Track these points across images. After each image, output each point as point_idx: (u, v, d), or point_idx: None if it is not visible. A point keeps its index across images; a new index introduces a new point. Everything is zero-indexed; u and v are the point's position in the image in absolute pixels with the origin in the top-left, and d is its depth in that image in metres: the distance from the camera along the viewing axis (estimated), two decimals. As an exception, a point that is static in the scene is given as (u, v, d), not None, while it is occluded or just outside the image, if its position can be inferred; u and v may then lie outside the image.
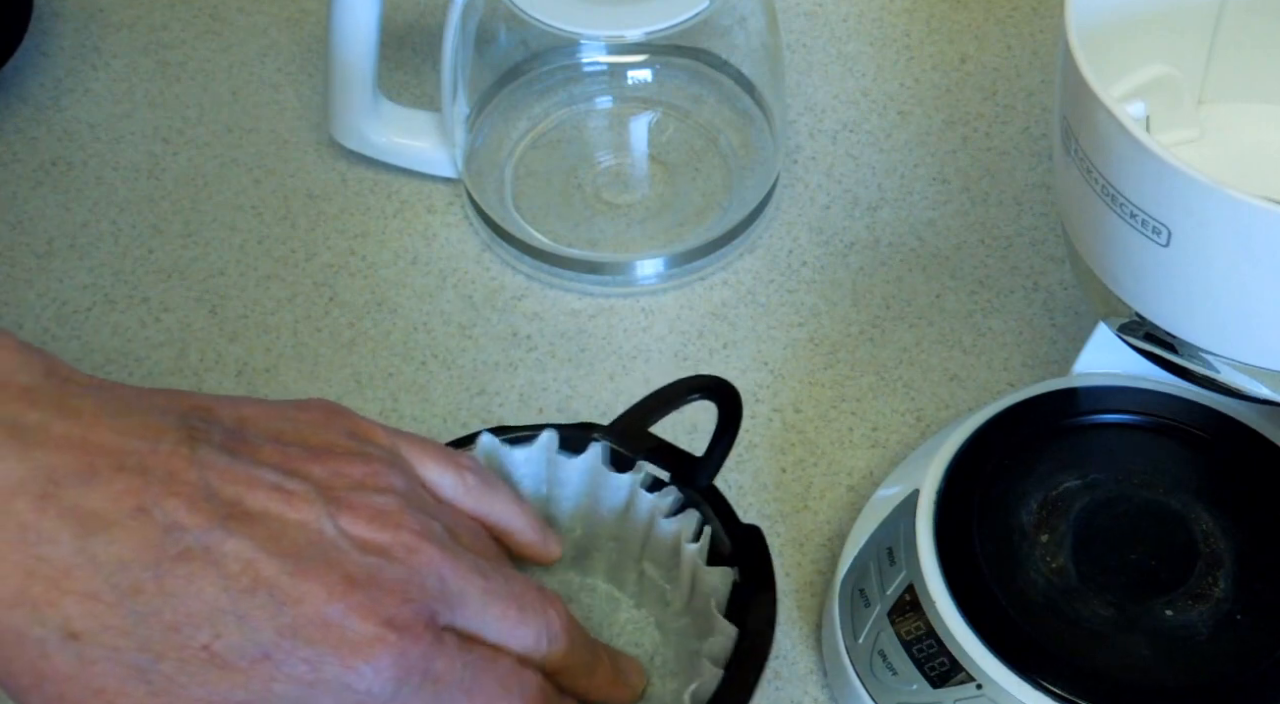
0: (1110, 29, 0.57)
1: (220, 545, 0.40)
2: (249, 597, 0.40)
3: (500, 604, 0.46)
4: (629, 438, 0.53)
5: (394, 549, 0.43)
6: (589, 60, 0.74)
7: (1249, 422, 0.58)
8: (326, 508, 0.42)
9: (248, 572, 0.40)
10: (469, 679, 0.44)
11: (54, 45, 0.79)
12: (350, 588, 0.41)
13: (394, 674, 0.42)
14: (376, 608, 0.42)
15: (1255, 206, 0.47)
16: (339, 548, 0.42)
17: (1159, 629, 0.52)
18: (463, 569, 0.45)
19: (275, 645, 0.40)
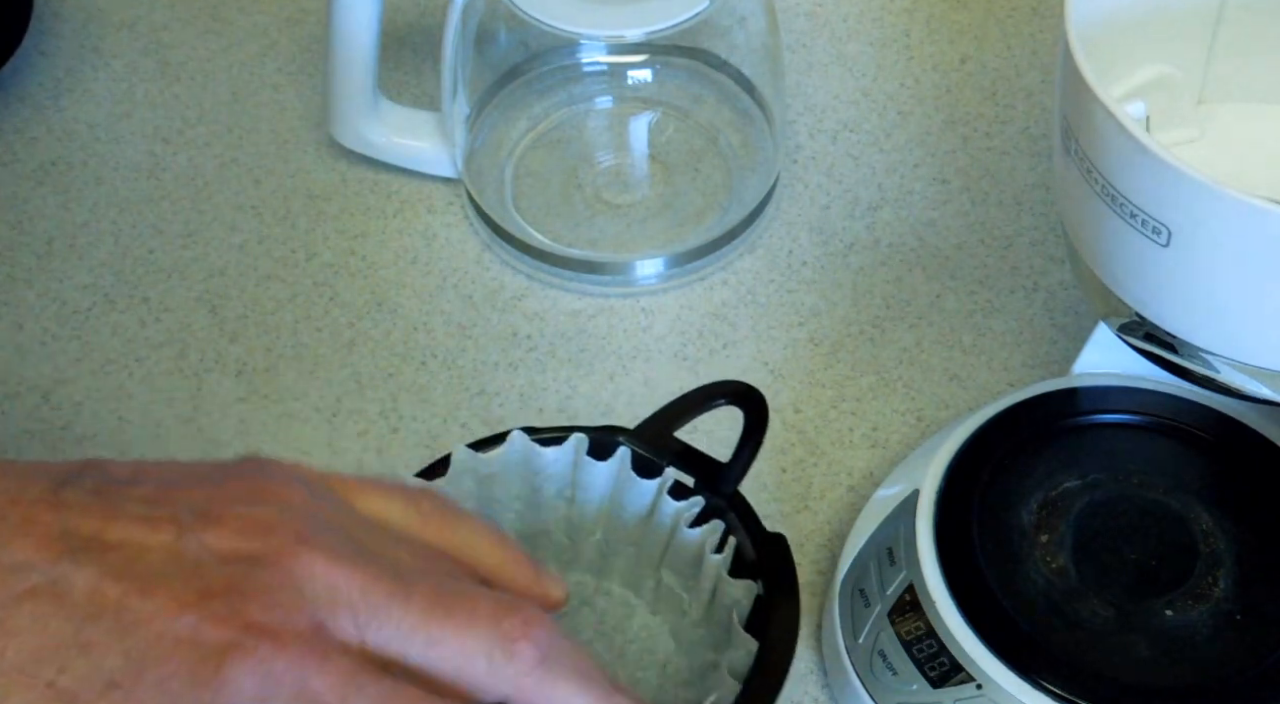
0: (1110, 29, 0.57)
1: (67, 578, 0.37)
2: (93, 624, 0.37)
3: (417, 609, 0.39)
4: (654, 442, 0.53)
5: (265, 555, 0.38)
6: (589, 60, 0.74)
7: (1249, 422, 0.58)
8: (192, 526, 0.39)
9: (93, 599, 0.37)
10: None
11: (54, 45, 0.79)
12: (204, 597, 0.37)
13: (254, 687, 0.37)
14: (233, 615, 0.37)
15: (1255, 206, 0.47)
16: (198, 562, 0.38)
17: (1159, 629, 0.52)
18: (368, 576, 0.39)
19: (123, 672, 0.36)
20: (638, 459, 0.52)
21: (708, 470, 0.52)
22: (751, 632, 0.49)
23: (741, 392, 0.53)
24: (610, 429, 0.53)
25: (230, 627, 0.37)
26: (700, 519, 0.52)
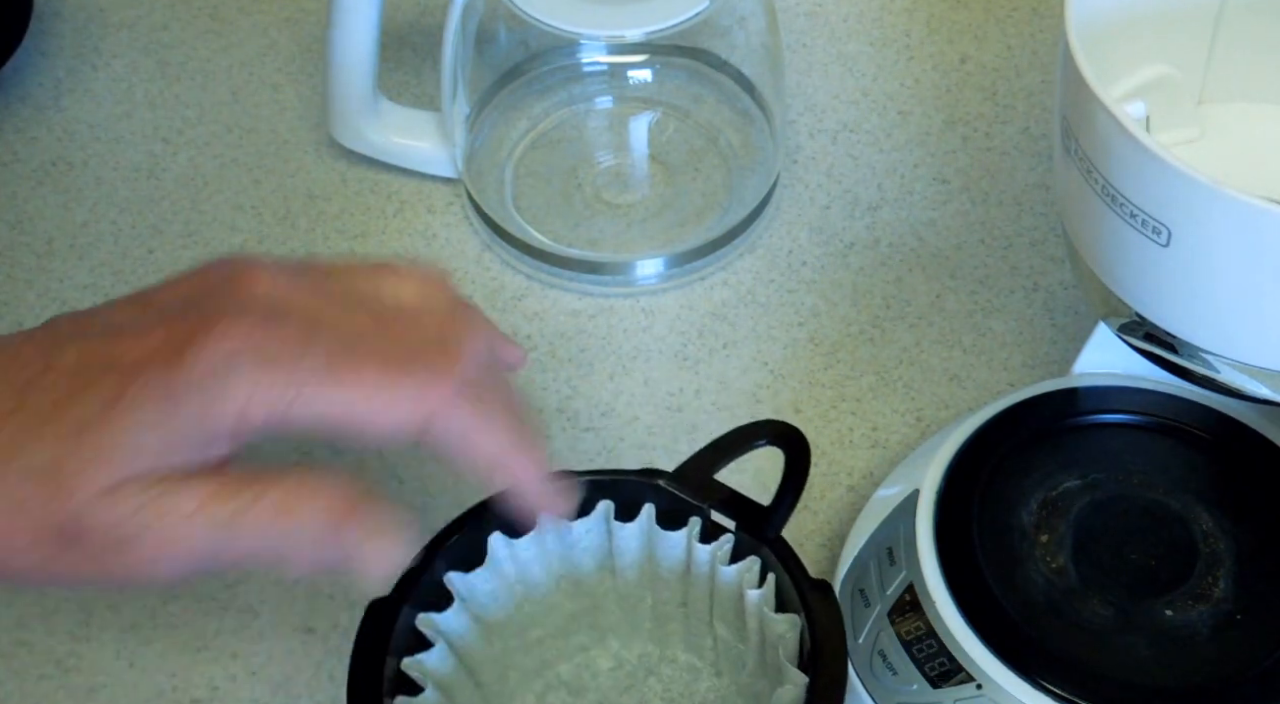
0: (1110, 29, 0.57)
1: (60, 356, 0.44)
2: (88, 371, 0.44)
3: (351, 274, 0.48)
4: (694, 485, 0.52)
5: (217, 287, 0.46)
6: (589, 60, 0.74)
7: (1249, 422, 0.58)
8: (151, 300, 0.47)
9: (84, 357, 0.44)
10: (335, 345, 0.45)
11: (54, 45, 0.79)
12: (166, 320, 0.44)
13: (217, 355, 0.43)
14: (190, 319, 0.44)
15: (1255, 206, 0.47)
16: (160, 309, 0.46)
17: (1159, 629, 0.52)
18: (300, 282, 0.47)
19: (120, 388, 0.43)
20: (663, 510, 0.52)
21: (749, 515, 0.51)
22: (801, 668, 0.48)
23: (782, 433, 0.52)
24: (649, 472, 0.52)
25: (189, 326, 0.44)
26: (736, 555, 0.51)
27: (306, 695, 0.57)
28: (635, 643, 0.55)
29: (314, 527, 0.45)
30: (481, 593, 0.51)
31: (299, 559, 0.45)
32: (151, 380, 0.43)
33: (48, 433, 0.43)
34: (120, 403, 0.43)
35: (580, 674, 0.55)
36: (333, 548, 0.45)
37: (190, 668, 0.58)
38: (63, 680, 0.58)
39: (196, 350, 0.43)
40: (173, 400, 0.43)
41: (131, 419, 0.43)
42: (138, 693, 0.58)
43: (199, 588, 0.60)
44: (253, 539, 0.44)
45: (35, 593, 0.60)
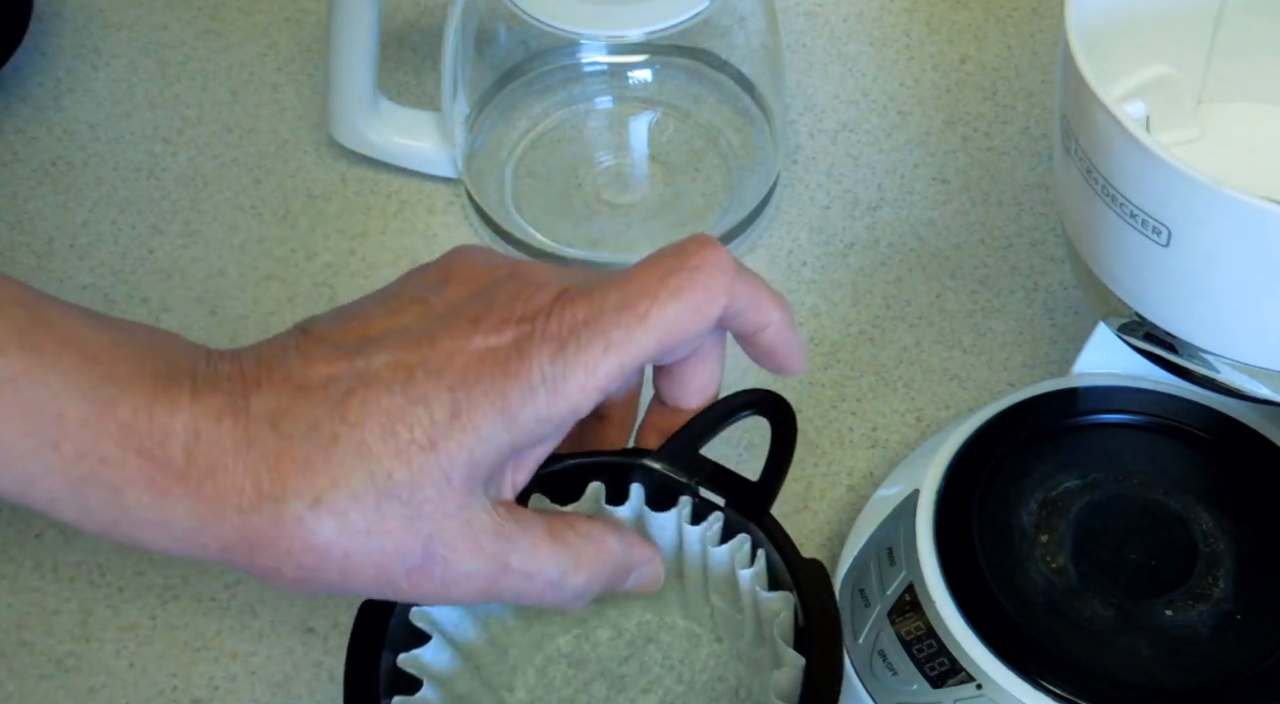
0: (1110, 29, 0.57)
1: (367, 367, 0.43)
2: (408, 384, 0.43)
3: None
4: (681, 464, 0.51)
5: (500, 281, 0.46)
6: (589, 60, 0.74)
7: (1249, 422, 0.58)
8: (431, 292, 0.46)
9: (398, 367, 0.43)
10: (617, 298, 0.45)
11: (54, 45, 0.79)
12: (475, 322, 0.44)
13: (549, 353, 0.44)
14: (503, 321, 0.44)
15: (1255, 206, 0.47)
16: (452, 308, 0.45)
17: (1159, 629, 0.52)
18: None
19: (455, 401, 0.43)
20: (654, 490, 0.51)
21: (739, 491, 0.51)
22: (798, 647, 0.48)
23: (765, 400, 0.52)
24: (633, 452, 0.52)
25: (507, 325, 0.44)
26: (727, 532, 0.51)
27: (306, 695, 0.57)
28: (633, 611, 0.55)
29: (610, 577, 0.48)
30: None
31: (585, 601, 0.48)
32: (490, 388, 0.43)
33: (389, 453, 0.42)
34: (462, 415, 0.43)
35: (580, 645, 0.54)
36: (613, 589, 0.49)
37: (190, 668, 0.58)
38: (63, 680, 0.58)
39: (531, 351, 0.43)
40: (514, 406, 0.43)
41: (476, 432, 0.43)
42: (138, 693, 0.58)
43: (199, 588, 0.60)
44: (561, 594, 0.47)
45: (35, 593, 0.60)
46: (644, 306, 0.44)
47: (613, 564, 0.48)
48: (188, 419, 0.42)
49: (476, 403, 0.43)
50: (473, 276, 0.46)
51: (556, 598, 0.47)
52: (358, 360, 0.44)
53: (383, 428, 0.42)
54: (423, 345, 0.44)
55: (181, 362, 0.44)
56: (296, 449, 0.42)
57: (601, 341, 0.44)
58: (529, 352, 0.43)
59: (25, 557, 0.61)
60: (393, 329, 0.45)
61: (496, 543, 0.44)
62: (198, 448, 0.42)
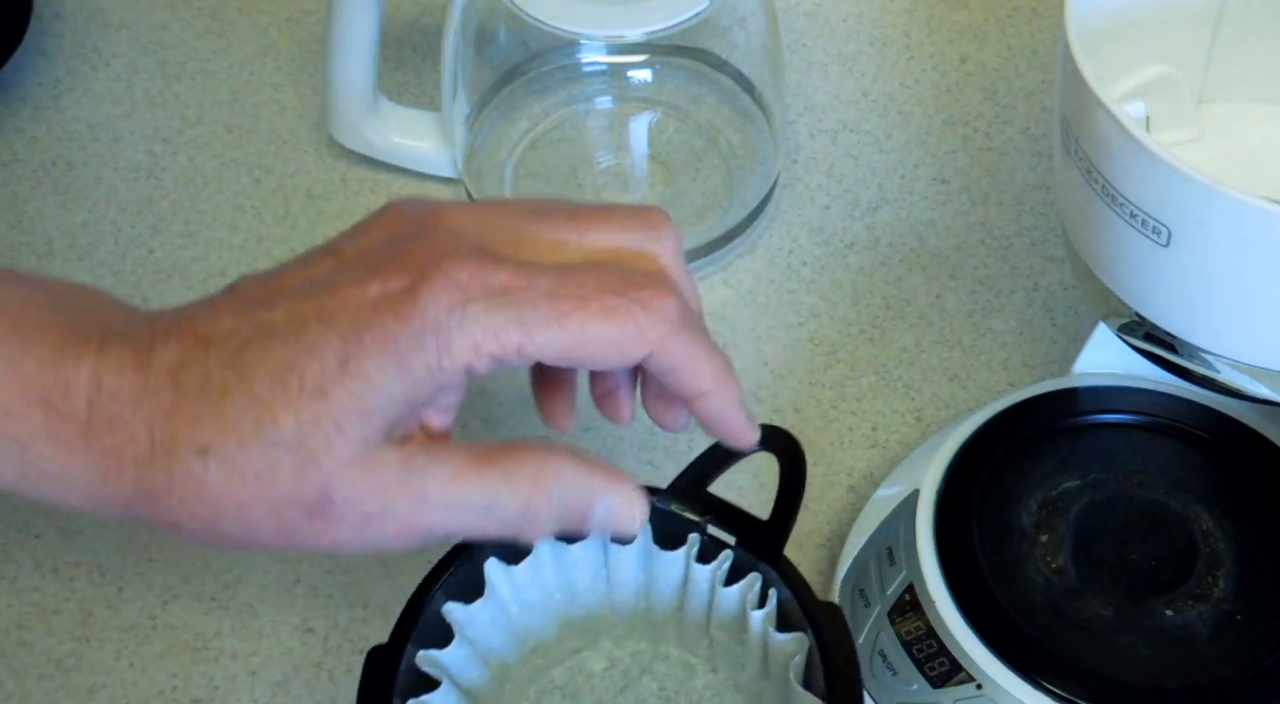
0: (1110, 29, 0.57)
1: (267, 320, 0.43)
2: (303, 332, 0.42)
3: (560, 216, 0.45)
4: (689, 500, 0.51)
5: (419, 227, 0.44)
6: (589, 60, 0.74)
7: (1249, 422, 0.58)
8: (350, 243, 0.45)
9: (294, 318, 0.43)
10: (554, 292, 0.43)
11: (54, 45, 0.79)
12: (377, 268, 0.43)
13: (448, 301, 0.42)
14: (406, 266, 0.42)
15: (1255, 206, 0.47)
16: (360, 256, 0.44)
17: (1159, 629, 0.52)
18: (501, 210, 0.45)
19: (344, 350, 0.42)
20: (661, 527, 0.51)
21: (749, 530, 0.51)
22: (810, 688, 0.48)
23: (774, 437, 0.51)
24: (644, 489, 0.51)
25: (408, 271, 0.42)
26: (735, 570, 0.51)
27: (306, 695, 0.57)
28: (628, 642, 0.55)
29: (563, 503, 0.45)
30: (480, 621, 0.51)
31: (538, 531, 0.45)
32: (380, 334, 0.42)
33: (280, 402, 0.42)
34: (351, 363, 0.42)
35: (574, 677, 0.55)
36: (577, 523, 0.46)
37: (190, 668, 0.58)
38: (63, 680, 0.58)
39: (424, 297, 0.42)
40: (404, 353, 0.42)
41: (366, 379, 0.42)
42: (138, 693, 0.58)
43: (199, 588, 0.60)
44: (502, 520, 0.44)
45: (35, 593, 0.60)
46: (569, 307, 0.43)
47: (560, 488, 0.45)
48: (91, 371, 0.42)
49: (367, 350, 0.42)
50: (392, 224, 0.45)
51: (498, 528, 0.45)
52: (259, 312, 0.43)
53: (273, 377, 0.42)
54: (321, 294, 0.43)
55: (97, 317, 0.44)
56: (189, 401, 0.42)
57: (513, 314, 0.42)
58: (423, 297, 0.42)
59: (25, 557, 0.61)
60: (302, 281, 0.44)
61: (406, 478, 0.43)
62: (99, 399, 0.42)
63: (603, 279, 0.44)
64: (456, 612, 0.50)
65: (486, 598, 0.51)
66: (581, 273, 0.44)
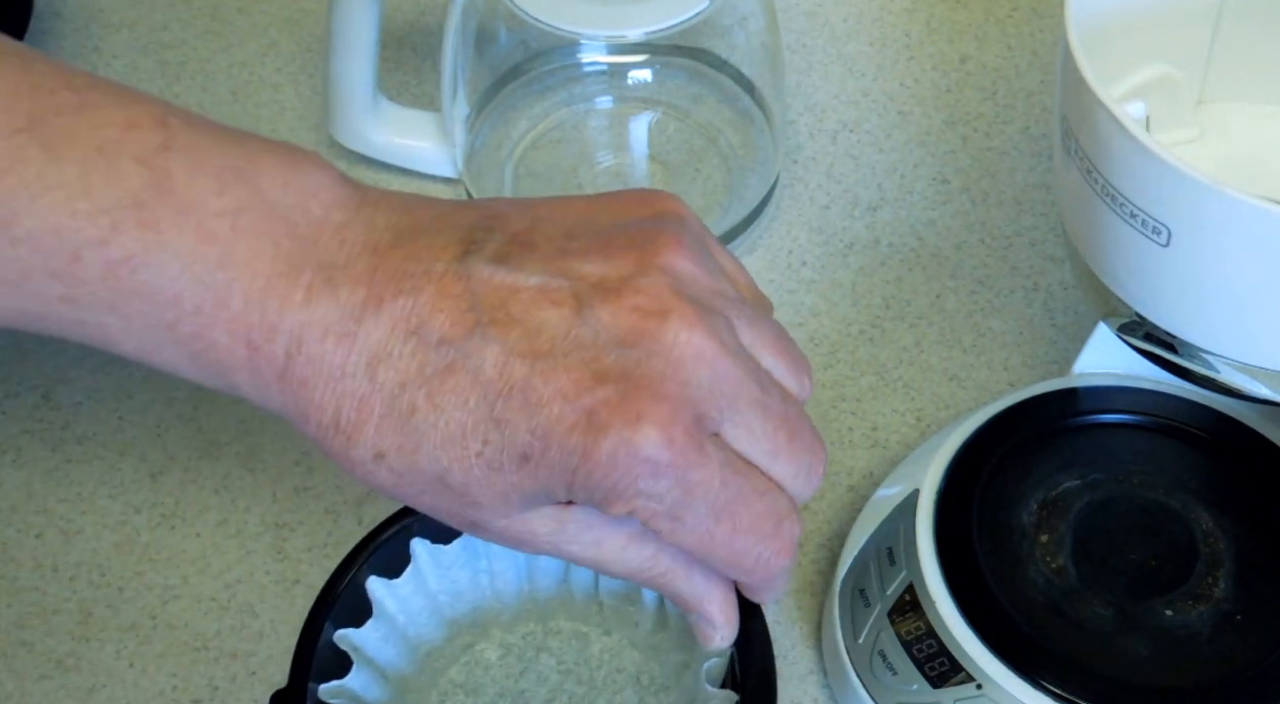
0: (1110, 29, 0.57)
1: (479, 352, 0.42)
2: (504, 401, 0.41)
3: (772, 421, 0.43)
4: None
5: (658, 339, 0.42)
6: (589, 60, 0.74)
7: (1249, 422, 0.58)
8: (588, 300, 0.42)
9: (503, 377, 0.41)
10: (724, 501, 0.43)
11: (54, 45, 0.79)
12: (599, 382, 0.41)
13: (643, 474, 0.41)
14: (624, 402, 0.41)
15: (1255, 206, 0.47)
16: (595, 341, 0.42)
17: (1159, 629, 0.52)
18: (738, 370, 0.43)
19: (531, 447, 0.41)
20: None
21: None
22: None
23: None
24: None
25: (619, 404, 0.41)
26: None
27: (306, 695, 0.58)
28: (517, 626, 0.55)
29: (680, 599, 0.47)
30: (373, 641, 0.51)
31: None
32: (568, 455, 0.41)
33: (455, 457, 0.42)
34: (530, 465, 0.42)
35: (472, 672, 0.54)
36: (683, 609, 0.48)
37: (190, 668, 0.58)
38: (63, 680, 0.58)
39: (617, 455, 0.41)
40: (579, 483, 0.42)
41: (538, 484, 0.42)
42: (138, 693, 0.58)
43: (199, 588, 0.60)
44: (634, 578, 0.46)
45: (35, 593, 0.60)
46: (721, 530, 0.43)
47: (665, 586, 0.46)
48: (295, 325, 0.42)
49: (549, 460, 0.42)
50: (647, 312, 0.42)
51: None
52: (475, 338, 0.42)
53: (455, 427, 0.42)
54: (535, 368, 0.41)
55: (311, 235, 0.43)
56: (379, 402, 0.42)
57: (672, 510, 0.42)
58: (613, 457, 0.41)
59: (25, 557, 0.61)
60: (531, 320, 0.42)
61: (553, 536, 0.44)
62: (298, 356, 0.42)
63: (763, 517, 0.44)
64: (350, 637, 0.50)
65: (375, 617, 0.51)
66: (752, 499, 0.44)
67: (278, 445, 0.64)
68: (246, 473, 0.63)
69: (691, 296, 0.43)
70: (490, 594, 0.54)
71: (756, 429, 0.43)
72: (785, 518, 0.45)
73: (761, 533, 0.44)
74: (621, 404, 0.41)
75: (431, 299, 0.42)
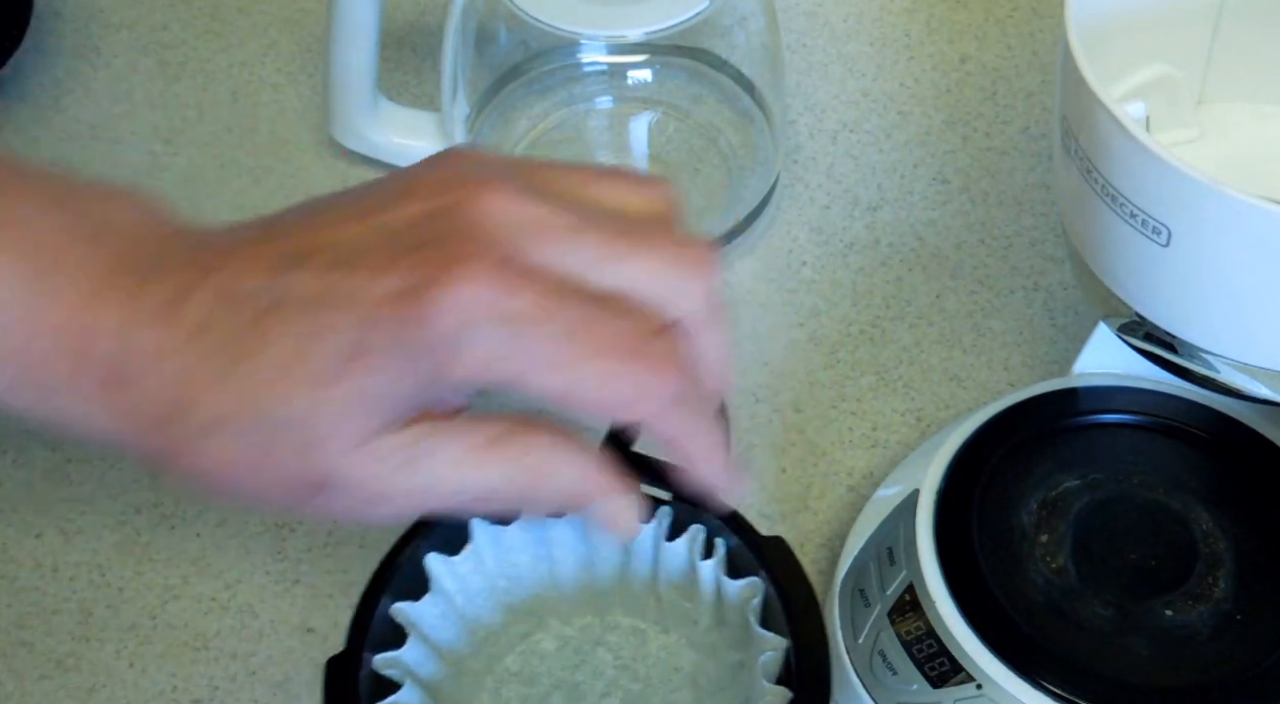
0: (1110, 29, 0.57)
1: (290, 283, 0.42)
2: (321, 309, 0.42)
3: (606, 233, 0.43)
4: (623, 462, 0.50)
5: (449, 207, 0.42)
6: (589, 60, 0.74)
7: (1249, 422, 0.58)
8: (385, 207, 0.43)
9: (315, 289, 0.42)
10: (565, 328, 0.42)
11: (54, 45, 0.79)
12: (398, 257, 0.42)
13: (455, 316, 0.41)
14: (425, 262, 0.41)
15: (1255, 206, 0.47)
16: (392, 232, 0.43)
17: (1159, 629, 0.52)
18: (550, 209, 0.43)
19: (359, 342, 0.42)
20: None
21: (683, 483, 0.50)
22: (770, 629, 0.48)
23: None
24: None
25: (427, 270, 0.41)
26: (676, 529, 0.51)
27: (306, 695, 0.57)
28: (575, 618, 0.55)
29: (563, 493, 0.45)
30: (430, 617, 0.51)
31: (538, 512, 0.48)
32: (389, 334, 0.41)
33: (288, 383, 0.42)
34: (361, 357, 0.41)
35: (528, 661, 0.54)
36: (574, 509, 0.47)
37: (190, 668, 0.58)
38: (63, 680, 0.58)
39: (435, 306, 0.41)
40: (411, 357, 0.41)
41: (373, 374, 0.42)
42: (138, 693, 0.58)
43: (199, 588, 0.60)
44: (502, 498, 0.45)
45: (35, 593, 0.60)
46: (571, 358, 0.42)
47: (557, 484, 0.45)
48: (119, 322, 0.42)
49: (375, 347, 0.41)
50: (436, 192, 0.44)
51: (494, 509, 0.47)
52: (282, 276, 0.43)
53: (285, 356, 0.42)
54: (342, 270, 0.42)
55: (133, 246, 0.44)
56: (207, 368, 0.42)
57: (518, 346, 0.42)
58: (433, 308, 0.41)
59: (25, 557, 0.61)
60: (330, 243, 0.43)
61: (407, 465, 0.43)
62: (124, 352, 0.42)
63: (618, 336, 0.43)
64: (406, 610, 0.50)
65: (432, 593, 0.51)
66: (601, 322, 0.43)
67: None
68: (246, 473, 0.63)
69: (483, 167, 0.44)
70: (549, 581, 0.54)
71: (588, 242, 0.43)
72: (652, 334, 0.43)
73: (621, 351, 0.42)
74: (423, 264, 0.41)
75: (243, 264, 0.43)
